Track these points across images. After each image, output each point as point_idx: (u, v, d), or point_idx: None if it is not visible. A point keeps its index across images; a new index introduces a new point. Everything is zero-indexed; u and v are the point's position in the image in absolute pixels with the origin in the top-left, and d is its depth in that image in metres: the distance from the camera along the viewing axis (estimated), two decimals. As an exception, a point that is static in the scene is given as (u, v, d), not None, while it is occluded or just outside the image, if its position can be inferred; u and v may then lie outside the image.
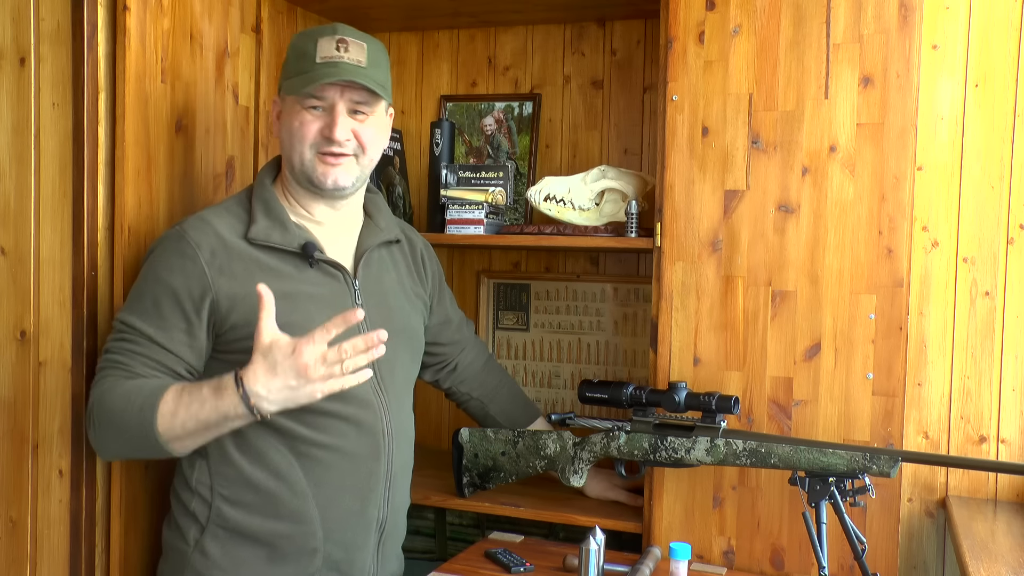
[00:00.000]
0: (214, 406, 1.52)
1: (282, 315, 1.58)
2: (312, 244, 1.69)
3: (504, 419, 2.10)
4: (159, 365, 1.61)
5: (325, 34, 1.69)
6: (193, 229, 1.65)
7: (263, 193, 1.72)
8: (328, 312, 1.63)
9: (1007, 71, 1.89)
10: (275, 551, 1.68)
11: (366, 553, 1.75)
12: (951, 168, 1.92)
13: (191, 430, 1.55)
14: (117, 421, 1.58)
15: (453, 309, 2.06)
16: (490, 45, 2.51)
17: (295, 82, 1.68)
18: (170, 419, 1.54)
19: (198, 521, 1.67)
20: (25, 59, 1.79)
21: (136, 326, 1.62)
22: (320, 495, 1.67)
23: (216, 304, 1.62)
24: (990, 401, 1.91)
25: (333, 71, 1.65)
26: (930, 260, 1.93)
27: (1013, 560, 1.56)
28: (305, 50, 1.68)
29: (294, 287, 1.66)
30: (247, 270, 1.64)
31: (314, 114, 1.67)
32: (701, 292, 1.90)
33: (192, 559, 1.67)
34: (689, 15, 1.90)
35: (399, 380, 1.80)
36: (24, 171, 1.81)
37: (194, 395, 1.54)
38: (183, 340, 1.62)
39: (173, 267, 1.63)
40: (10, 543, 1.84)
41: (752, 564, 1.87)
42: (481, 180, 2.22)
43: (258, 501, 1.66)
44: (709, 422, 1.81)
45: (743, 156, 1.87)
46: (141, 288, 1.66)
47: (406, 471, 1.83)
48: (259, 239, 1.66)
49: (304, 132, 1.67)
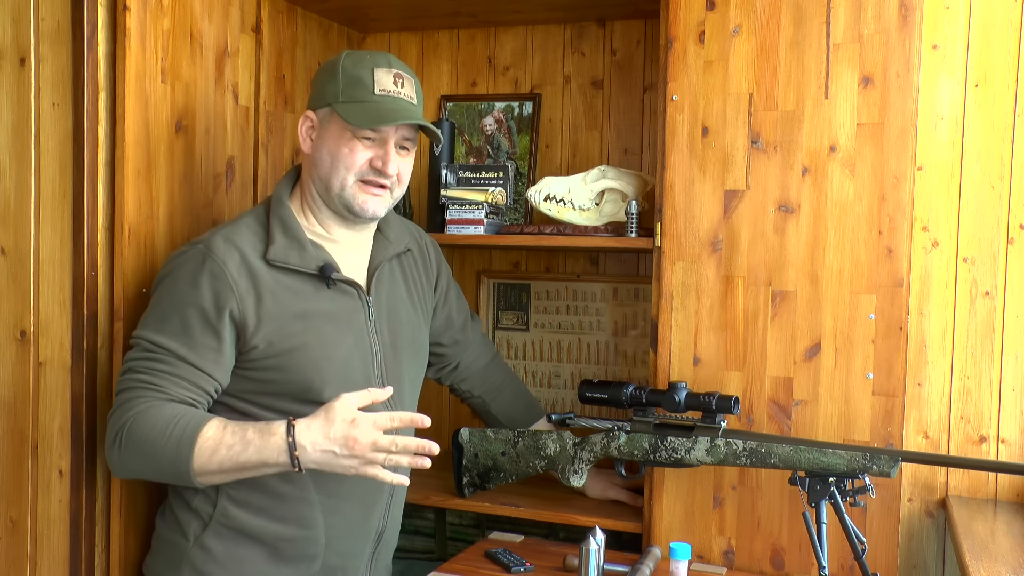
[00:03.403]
0: (258, 448, 1.52)
1: (298, 336, 1.64)
2: (330, 266, 1.69)
3: (505, 419, 2.10)
4: (192, 385, 1.61)
5: (380, 65, 1.69)
6: (218, 248, 1.64)
7: (281, 211, 1.71)
8: (347, 330, 1.70)
9: (1007, 71, 1.89)
10: (276, 553, 1.69)
11: (361, 561, 1.78)
12: (951, 168, 1.92)
13: (226, 469, 1.55)
14: (149, 448, 1.56)
15: (458, 308, 2.06)
16: (490, 45, 2.51)
17: (354, 111, 1.66)
18: (208, 456, 1.54)
19: (200, 517, 1.68)
20: (25, 59, 1.80)
21: (166, 345, 1.61)
22: (327, 503, 1.69)
23: (243, 323, 1.62)
24: (990, 401, 1.91)
25: (397, 109, 1.67)
26: (930, 260, 1.93)
27: (1013, 560, 1.56)
28: (360, 78, 1.68)
29: (311, 307, 1.67)
30: (270, 292, 1.65)
31: (365, 144, 1.68)
32: (701, 292, 1.90)
33: (191, 554, 1.67)
34: (689, 15, 1.90)
35: (407, 394, 1.83)
36: (24, 171, 1.81)
37: (237, 436, 1.54)
38: (213, 359, 1.62)
39: (201, 285, 1.62)
40: (10, 543, 1.84)
41: (752, 564, 1.87)
42: (481, 180, 2.21)
43: (265, 503, 1.67)
44: (709, 422, 1.81)
45: (743, 156, 1.87)
46: (165, 306, 1.64)
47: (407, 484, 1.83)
48: (278, 260, 1.66)
49: (352, 160, 1.68)
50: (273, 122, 2.23)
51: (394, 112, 1.67)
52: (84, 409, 1.77)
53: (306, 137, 1.74)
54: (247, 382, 1.66)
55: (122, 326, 1.79)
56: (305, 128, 1.74)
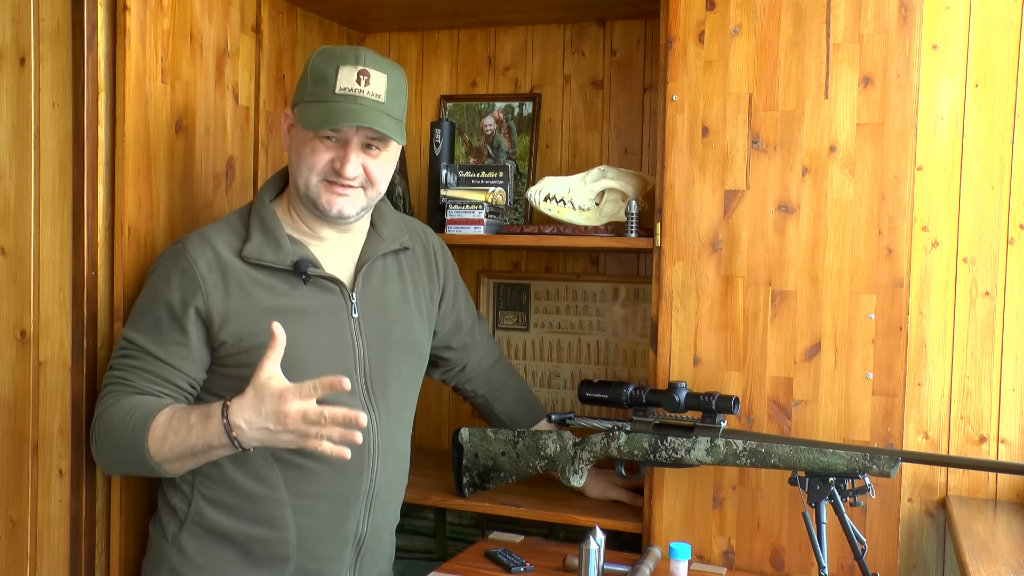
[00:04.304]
0: (200, 433, 1.52)
1: (268, 332, 1.56)
2: (306, 261, 1.68)
3: (507, 418, 2.10)
4: (160, 379, 1.63)
5: (347, 62, 1.64)
6: (192, 245, 1.66)
7: (260, 210, 1.72)
8: (324, 327, 1.67)
9: (1007, 71, 1.89)
10: (248, 554, 1.69)
11: (341, 566, 1.74)
12: (951, 168, 1.92)
13: (179, 455, 1.55)
14: (113, 440, 1.60)
15: (467, 310, 2.04)
16: (490, 45, 2.51)
17: (310, 111, 1.64)
18: (160, 443, 1.55)
19: (178, 517, 1.69)
20: (25, 59, 1.80)
21: (137, 342, 1.64)
22: (298, 504, 1.68)
23: (209, 319, 1.63)
24: (990, 401, 1.91)
25: (351, 110, 1.62)
26: (930, 260, 1.93)
27: (1013, 560, 1.56)
28: (324, 75, 1.64)
29: (287, 303, 1.67)
30: (241, 288, 1.65)
31: (326, 144, 1.65)
32: (701, 292, 1.90)
33: (169, 554, 1.69)
34: (689, 15, 1.90)
35: (394, 395, 1.78)
36: (24, 171, 1.81)
37: (182, 421, 1.54)
38: (181, 353, 1.63)
39: (170, 282, 1.64)
40: (10, 543, 1.84)
41: (752, 564, 1.87)
42: (481, 180, 2.21)
43: (236, 503, 1.67)
44: (709, 422, 1.81)
45: (743, 156, 1.87)
46: (141, 305, 1.68)
47: (392, 488, 1.81)
48: (252, 257, 1.67)
49: (313, 161, 1.66)
50: (273, 122, 2.23)
51: (346, 113, 1.61)
52: (84, 409, 1.77)
53: (286, 134, 1.74)
54: (223, 379, 1.66)
55: (122, 326, 1.79)
56: (286, 126, 1.74)
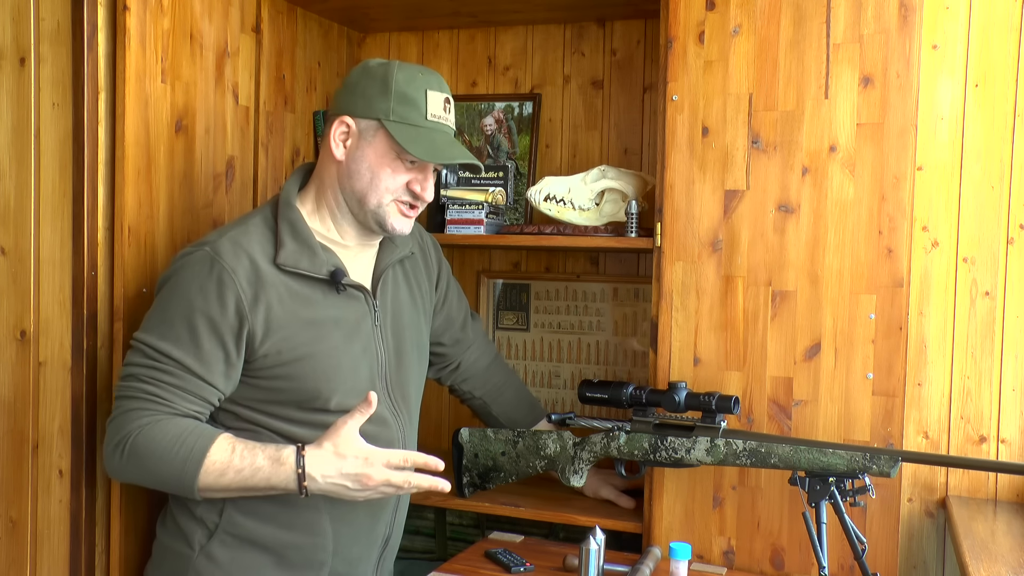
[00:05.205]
0: (266, 476, 1.53)
1: (307, 344, 1.62)
2: (340, 271, 1.67)
3: (506, 420, 2.10)
4: (198, 398, 1.59)
5: (432, 87, 1.66)
6: (226, 253, 1.60)
7: (289, 214, 1.67)
8: (355, 336, 1.69)
9: (1007, 71, 1.89)
10: (283, 560, 1.68)
11: (367, 567, 1.77)
12: (951, 168, 1.92)
13: (232, 490, 1.56)
14: (152, 463, 1.55)
15: (458, 306, 2.05)
16: (490, 45, 2.51)
17: (408, 135, 1.63)
18: (215, 478, 1.54)
19: (205, 526, 1.65)
20: (25, 59, 1.80)
21: (173, 356, 1.57)
22: (334, 510, 1.68)
23: (252, 334, 1.60)
24: (990, 401, 1.91)
25: (451, 142, 1.68)
26: (930, 260, 1.93)
27: (1013, 560, 1.56)
28: (413, 98, 1.64)
29: (320, 313, 1.66)
30: (279, 299, 1.62)
31: (408, 167, 1.67)
32: (701, 292, 1.90)
33: (196, 563, 1.65)
34: (689, 15, 1.90)
35: (412, 396, 1.83)
36: (24, 171, 1.81)
37: (246, 460, 1.54)
38: (222, 371, 1.59)
39: (209, 293, 1.58)
40: (10, 543, 1.84)
41: (752, 564, 1.87)
42: (481, 180, 2.22)
43: (272, 511, 1.65)
44: (709, 422, 1.81)
45: (743, 156, 1.87)
46: (171, 311, 1.60)
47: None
48: (288, 265, 1.63)
49: (394, 182, 1.66)
50: (273, 122, 2.23)
51: (450, 147, 1.67)
52: (84, 409, 1.77)
53: (339, 143, 1.67)
54: (254, 390, 1.64)
55: (122, 326, 1.79)
56: (339, 133, 1.67)
